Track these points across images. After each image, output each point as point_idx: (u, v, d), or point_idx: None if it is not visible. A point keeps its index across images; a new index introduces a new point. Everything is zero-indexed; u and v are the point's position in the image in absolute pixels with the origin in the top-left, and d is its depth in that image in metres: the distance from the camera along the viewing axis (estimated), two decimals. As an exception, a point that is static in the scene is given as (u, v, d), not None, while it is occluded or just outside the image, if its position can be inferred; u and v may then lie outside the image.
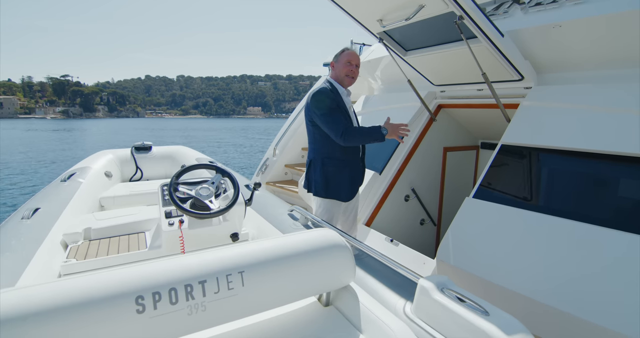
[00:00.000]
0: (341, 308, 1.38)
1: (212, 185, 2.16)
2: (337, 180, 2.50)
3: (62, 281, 0.96)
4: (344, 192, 2.51)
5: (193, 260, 1.10)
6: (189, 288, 1.03)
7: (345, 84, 2.52)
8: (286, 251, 1.22)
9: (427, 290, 1.17)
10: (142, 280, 1.00)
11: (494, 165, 2.49)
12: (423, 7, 2.32)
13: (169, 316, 1.00)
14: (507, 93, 2.82)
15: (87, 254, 2.14)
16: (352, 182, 2.55)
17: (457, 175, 3.89)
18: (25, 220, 2.25)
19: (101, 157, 3.83)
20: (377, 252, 1.60)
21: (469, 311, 1.05)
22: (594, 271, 1.75)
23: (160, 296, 0.99)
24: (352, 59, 2.49)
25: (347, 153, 2.48)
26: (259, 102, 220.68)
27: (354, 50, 2.53)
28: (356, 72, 2.52)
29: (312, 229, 1.41)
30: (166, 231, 2.03)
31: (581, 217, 1.95)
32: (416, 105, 3.52)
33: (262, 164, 5.57)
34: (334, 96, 2.41)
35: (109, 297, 0.95)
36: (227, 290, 1.08)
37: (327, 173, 2.50)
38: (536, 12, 2.55)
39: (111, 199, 3.19)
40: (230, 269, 1.10)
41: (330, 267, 1.29)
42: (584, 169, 2.17)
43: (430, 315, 1.17)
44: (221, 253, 1.15)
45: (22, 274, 1.69)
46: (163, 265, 1.06)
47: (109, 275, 1.00)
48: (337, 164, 2.49)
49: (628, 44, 2.15)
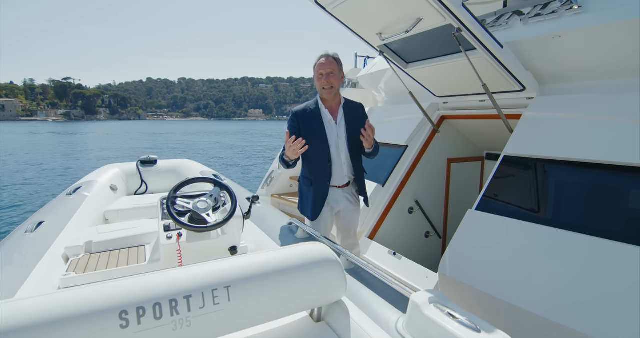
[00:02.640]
0: (332, 324, 1.35)
1: (210, 198, 2.17)
2: (306, 198, 2.56)
3: (44, 296, 0.96)
4: (310, 210, 2.52)
5: (179, 274, 1.10)
6: (174, 303, 1.02)
7: (325, 96, 2.44)
8: (274, 266, 1.20)
9: (418, 306, 1.14)
10: (126, 295, 0.99)
11: (497, 176, 2.46)
12: (421, 20, 2.33)
13: (153, 331, 0.99)
14: (509, 104, 2.80)
15: (87, 267, 2.15)
16: (315, 201, 2.48)
17: (463, 187, 3.84)
18: (28, 234, 2.29)
19: (107, 170, 3.89)
20: (371, 267, 1.57)
21: (459, 327, 1.02)
22: (599, 286, 1.69)
23: (145, 311, 0.98)
24: (322, 68, 2.38)
25: (312, 172, 2.49)
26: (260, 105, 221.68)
27: (327, 56, 2.41)
28: (331, 80, 2.37)
29: (302, 243, 1.39)
30: (164, 244, 2.03)
31: (587, 230, 1.90)
32: (419, 117, 3.51)
33: (267, 176, 5.59)
34: (296, 117, 2.44)
35: (92, 312, 0.94)
36: (213, 305, 1.06)
37: (301, 190, 2.62)
38: (536, 23, 2.54)
39: (115, 213, 3.22)
40: (216, 284, 1.09)
41: (319, 281, 1.27)
42: (588, 181, 2.12)
43: (422, 331, 1.13)
44: (208, 268, 1.14)
45: (21, 287, 1.71)
46: (148, 280, 1.05)
47: (93, 290, 1.00)
48: (305, 183, 2.55)
49: (629, 53, 2.12)
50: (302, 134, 2.36)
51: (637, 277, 1.60)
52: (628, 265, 1.65)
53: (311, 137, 2.36)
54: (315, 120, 2.43)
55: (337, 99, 2.50)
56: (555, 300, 1.78)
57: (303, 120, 2.43)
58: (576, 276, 1.77)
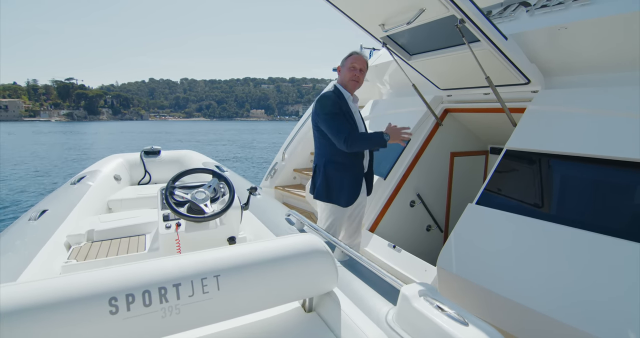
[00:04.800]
0: (323, 315, 1.36)
1: (209, 189, 2.18)
2: (338, 184, 2.48)
3: (35, 282, 0.98)
4: (344, 197, 2.48)
5: (169, 263, 1.11)
6: (163, 290, 1.03)
7: (350, 88, 2.52)
8: (264, 256, 1.21)
9: (408, 298, 1.15)
10: (116, 282, 1.01)
11: (499, 171, 2.43)
12: (424, 10, 2.29)
13: (142, 318, 1.00)
14: (514, 97, 2.75)
15: (88, 255, 2.19)
16: (352, 187, 2.51)
17: (466, 181, 3.81)
18: (32, 222, 2.32)
19: (111, 160, 3.93)
20: (365, 259, 1.57)
21: (447, 320, 1.02)
22: (600, 284, 1.66)
23: (134, 298, 1.00)
24: (357, 63, 2.48)
25: (349, 157, 2.46)
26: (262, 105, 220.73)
27: (362, 55, 2.52)
28: (360, 76, 2.51)
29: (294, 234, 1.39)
30: (163, 234, 2.05)
31: (589, 226, 1.87)
32: (422, 110, 3.48)
33: (271, 168, 5.61)
34: (337, 101, 2.41)
35: (82, 298, 0.96)
36: (202, 294, 1.08)
37: (329, 177, 2.49)
38: (542, 14, 2.48)
39: (119, 202, 3.26)
40: (205, 273, 1.10)
41: (310, 272, 1.27)
42: (592, 176, 2.08)
43: (410, 324, 1.14)
44: (197, 257, 1.15)
45: (22, 273, 1.74)
46: (138, 267, 1.07)
47: (83, 276, 1.01)
48: (338, 168, 2.47)
49: (638, 46, 2.07)
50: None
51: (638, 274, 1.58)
52: (631, 263, 1.62)
53: (350, 121, 2.43)
54: (346, 107, 2.47)
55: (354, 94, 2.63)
56: (551, 295, 1.76)
57: (341, 105, 2.44)
58: (577, 273, 1.75)
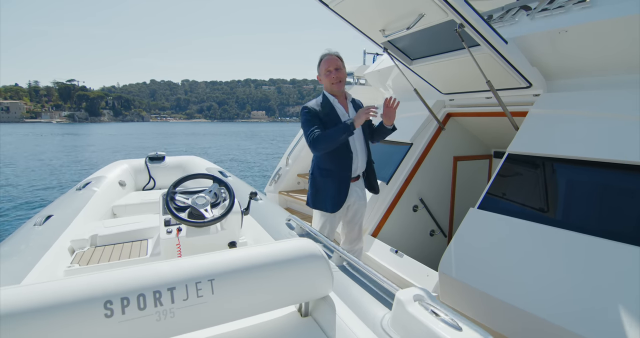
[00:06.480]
0: (318, 320, 1.36)
1: (209, 194, 2.20)
2: (323, 190, 2.52)
3: (32, 285, 0.99)
4: (329, 203, 2.50)
5: (164, 267, 1.12)
6: (157, 294, 1.04)
7: (335, 90, 2.52)
8: (258, 260, 1.21)
9: (402, 303, 1.14)
10: (111, 285, 1.02)
11: (501, 175, 2.41)
12: (423, 16, 2.30)
13: (137, 321, 1.01)
14: (515, 101, 2.74)
15: (91, 260, 2.21)
16: (337, 192, 2.49)
17: (469, 185, 3.78)
18: (37, 227, 2.36)
19: (116, 166, 3.98)
20: (362, 263, 1.57)
21: (441, 325, 1.02)
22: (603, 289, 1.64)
23: (129, 301, 1.01)
24: (329, 65, 2.47)
25: (333, 162, 2.48)
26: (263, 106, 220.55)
27: (330, 54, 2.49)
28: (339, 75, 2.47)
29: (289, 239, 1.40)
30: (164, 239, 2.07)
31: (592, 231, 1.85)
32: (424, 114, 3.47)
33: (275, 173, 5.63)
34: (314, 109, 2.43)
35: (77, 301, 0.97)
36: (197, 298, 1.08)
37: (316, 183, 2.56)
38: (542, 18, 2.48)
39: (123, 207, 3.29)
40: (199, 277, 1.11)
41: (305, 277, 1.28)
42: (594, 180, 2.06)
43: (405, 329, 1.13)
44: (192, 261, 1.16)
45: (25, 277, 1.77)
46: (133, 272, 1.08)
47: (79, 280, 1.03)
48: (323, 174, 2.51)
49: (637, 48, 2.05)
50: (325, 126, 2.40)
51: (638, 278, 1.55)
52: (633, 268, 1.60)
53: (333, 123, 2.42)
54: (332, 113, 2.47)
55: (344, 94, 2.60)
56: (553, 300, 1.74)
57: (321, 113, 2.44)
58: (579, 278, 1.73)
